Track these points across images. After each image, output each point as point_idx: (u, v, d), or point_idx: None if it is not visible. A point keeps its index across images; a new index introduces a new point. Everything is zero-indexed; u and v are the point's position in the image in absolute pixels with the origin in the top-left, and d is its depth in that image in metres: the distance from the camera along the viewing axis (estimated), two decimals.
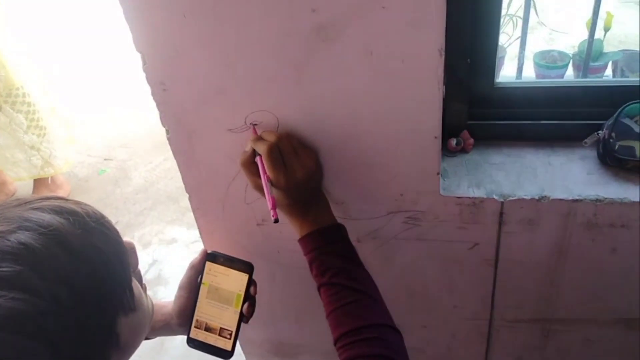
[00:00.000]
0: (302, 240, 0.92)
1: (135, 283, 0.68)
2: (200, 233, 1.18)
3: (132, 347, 0.68)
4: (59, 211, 0.59)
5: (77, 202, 0.63)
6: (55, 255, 0.55)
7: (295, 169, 0.88)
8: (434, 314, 1.25)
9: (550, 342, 1.26)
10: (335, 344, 0.85)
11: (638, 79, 1.10)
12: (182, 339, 1.02)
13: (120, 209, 2.61)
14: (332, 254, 0.89)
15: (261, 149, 0.88)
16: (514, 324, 1.24)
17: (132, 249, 0.69)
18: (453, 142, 1.08)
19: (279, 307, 1.32)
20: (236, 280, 0.99)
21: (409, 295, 1.22)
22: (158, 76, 0.92)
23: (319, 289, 0.90)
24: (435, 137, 0.93)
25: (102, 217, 0.64)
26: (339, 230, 0.93)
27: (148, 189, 2.73)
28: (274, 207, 0.86)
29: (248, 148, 0.92)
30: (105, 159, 3.01)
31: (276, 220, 0.85)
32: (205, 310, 0.99)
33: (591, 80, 1.07)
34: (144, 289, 0.72)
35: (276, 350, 1.44)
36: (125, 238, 0.68)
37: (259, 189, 0.91)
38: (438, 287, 1.19)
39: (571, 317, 1.20)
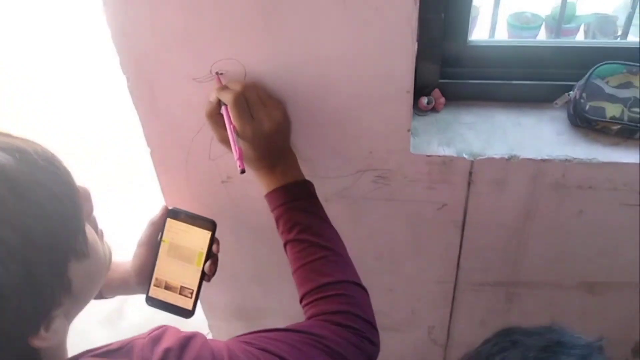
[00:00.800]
0: (269, 196, 0.89)
1: (89, 229, 0.64)
2: (162, 190, 1.14)
3: (86, 294, 0.64)
4: (4, 148, 0.54)
5: (24, 140, 0.58)
6: (0, 195, 0.51)
7: (263, 120, 0.85)
8: (400, 277, 1.25)
9: (514, 305, 1.27)
10: (300, 301, 0.84)
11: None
12: (142, 303, 0.98)
13: None
14: (299, 210, 0.87)
15: (226, 98, 0.84)
16: (478, 288, 1.24)
17: (86, 194, 0.65)
18: (424, 101, 1.06)
19: (243, 269, 1.29)
20: (198, 238, 0.96)
21: (376, 258, 1.21)
22: (118, 18, 0.87)
23: (285, 246, 0.88)
24: (407, 92, 0.91)
25: (52, 156, 0.60)
26: (307, 187, 0.91)
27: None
28: (240, 158, 0.82)
29: (213, 98, 0.87)
30: None
31: (242, 171, 0.82)
32: (165, 269, 0.96)
33: (563, 40, 1.06)
34: (100, 235, 0.68)
35: (239, 314, 1.42)
36: (80, 184, 0.64)
37: (225, 142, 0.87)
38: (405, 250, 1.18)
39: (535, 281, 1.20)
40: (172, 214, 0.97)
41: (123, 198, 2.35)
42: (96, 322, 1.76)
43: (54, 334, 0.57)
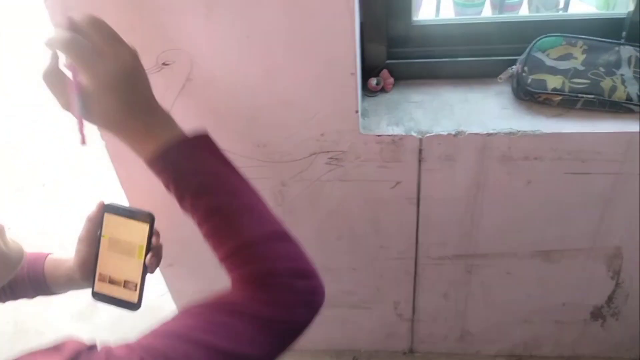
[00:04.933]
0: (149, 163, 0.77)
1: None
2: (121, 183, 1.15)
3: None
4: None
5: None
6: None
7: (119, 54, 0.70)
8: (361, 255, 1.27)
9: (474, 277, 1.30)
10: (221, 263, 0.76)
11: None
12: None
13: None
14: (184, 174, 0.75)
15: (59, 44, 0.67)
16: (438, 262, 1.27)
17: None
18: (373, 82, 1.08)
19: (208, 255, 1.30)
20: (137, 231, 0.93)
21: (336, 238, 1.23)
22: (60, 11, 0.87)
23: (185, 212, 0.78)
24: (352, 74, 0.93)
25: None
26: (191, 142, 0.76)
27: None
28: (81, 129, 0.72)
29: (49, 53, 0.72)
30: None
31: (84, 143, 0.73)
32: (107, 263, 0.94)
33: (506, 16, 1.08)
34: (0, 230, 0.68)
35: None
36: None
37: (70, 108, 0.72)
38: (364, 228, 1.21)
39: (492, 252, 1.24)
40: (109, 208, 0.94)
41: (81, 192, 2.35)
42: (69, 317, 1.77)
43: None
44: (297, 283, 0.70)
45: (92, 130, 0.98)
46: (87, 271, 0.95)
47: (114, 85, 0.69)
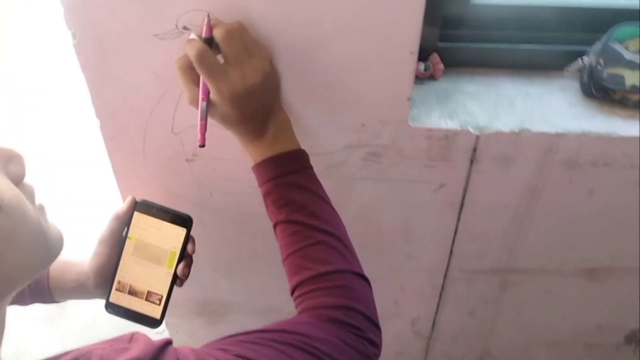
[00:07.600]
0: (257, 168, 0.75)
1: (4, 181, 0.48)
2: (114, 171, 0.97)
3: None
4: None
5: None
6: None
7: (246, 73, 0.68)
8: (384, 265, 1.12)
9: (508, 294, 1.17)
10: (292, 292, 0.71)
11: None
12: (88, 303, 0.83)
13: None
14: (292, 186, 0.72)
15: (190, 51, 0.67)
16: (471, 275, 1.13)
17: (12, 156, 0.49)
18: (421, 66, 0.93)
19: (207, 259, 1.14)
20: (170, 236, 0.83)
21: (360, 245, 1.05)
22: None
23: (274, 227, 0.74)
24: (412, 53, 0.77)
25: None
26: (303, 157, 0.76)
27: None
28: (202, 131, 0.71)
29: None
30: None
31: (202, 145, 0.72)
32: (130, 270, 0.83)
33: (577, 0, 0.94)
34: (40, 209, 0.52)
35: (201, 310, 1.26)
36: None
37: (197, 104, 0.72)
38: (392, 235, 1.06)
39: (533, 268, 1.10)
40: (141, 207, 0.83)
41: (79, 184, 2.13)
42: (35, 320, 1.57)
43: None
44: (369, 332, 0.67)
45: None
46: (103, 278, 0.82)
47: (234, 101, 0.69)
